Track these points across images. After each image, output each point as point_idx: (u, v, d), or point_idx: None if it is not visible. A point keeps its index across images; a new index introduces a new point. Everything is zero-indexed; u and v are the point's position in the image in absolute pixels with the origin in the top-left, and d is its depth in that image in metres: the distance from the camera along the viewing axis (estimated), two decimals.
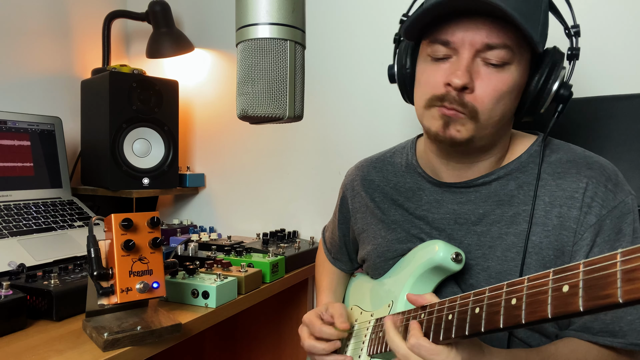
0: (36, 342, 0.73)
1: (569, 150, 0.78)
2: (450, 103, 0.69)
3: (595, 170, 0.73)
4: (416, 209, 0.85)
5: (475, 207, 0.79)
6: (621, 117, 0.92)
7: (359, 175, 0.97)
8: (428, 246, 0.79)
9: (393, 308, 0.80)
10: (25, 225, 1.11)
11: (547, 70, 0.71)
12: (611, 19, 1.10)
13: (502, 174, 0.78)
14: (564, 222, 0.72)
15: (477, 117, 0.69)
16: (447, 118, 0.70)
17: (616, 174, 0.74)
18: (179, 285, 0.92)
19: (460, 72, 0.67)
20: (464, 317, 0.58)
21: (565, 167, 0.75)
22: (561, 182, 0.73)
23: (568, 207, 0.72)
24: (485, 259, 0.76)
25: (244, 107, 0.61)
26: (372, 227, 0.91)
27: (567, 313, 0.45)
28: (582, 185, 0.72)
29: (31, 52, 1.43)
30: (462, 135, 0.71)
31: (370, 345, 0.81)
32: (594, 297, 0.42)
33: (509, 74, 0.69)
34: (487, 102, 0.69)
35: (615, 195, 0.71)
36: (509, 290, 0.53)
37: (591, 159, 0.75)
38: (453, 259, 0.74)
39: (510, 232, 0.75)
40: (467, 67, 0.67)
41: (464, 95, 0.68)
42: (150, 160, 1.42)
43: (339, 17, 1.41)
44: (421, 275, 0.78)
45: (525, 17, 0.65)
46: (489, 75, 0.68)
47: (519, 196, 0.76)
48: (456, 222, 0.80)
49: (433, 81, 0.71)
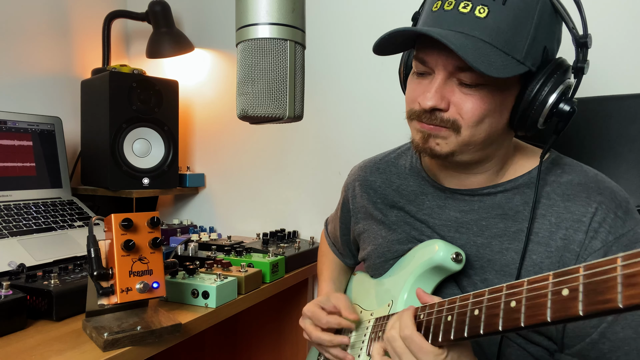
0: (36, 342, 0.73)
1: (582, 172, 0.75)
2: (427, 120, 0.70)
3: (606, 196, 0.71)
4: (417, 212, 0.84)
5: (478, 217, 0.77)
6: (621, 117, 0.92)
7: (361, 175, 0.97)
8: (428, 246, 0.78)
9: (393, 307, 0.80)
10: (25, 225, 1.11)
11: (538, 84, 0.68)
12: (613, 18, 1.10)
13: (509, 187, 0.76)
14: (568, 245, 0.70)
15: (459, 130, 0.69)
16: (425, 133, 0.71)
17: (627, 202, 0.72)
18: (179, 285, 0.92)
19: (430, 94, 0.68)
20: (463, 318, 0.57)
21: (576, 190, 0.72)
22: (570, 205, 0.72)
23: (574, 230, 0.70)
24: (483, 271, 0.75)
25: (244, 107, 0.61)
26: (373, 228, 0.91)
27: (567, 317, 0.44)
28: (591, 210, 0.70)
29: (31, 52, 1.43)
30: (441, 148, 0.71)
31: (370, 344, 0.81)
32: (594, 302, 0.42)
33: (486, 94, 0.67)
34: (468, 119, 0.68)
35: (625, 223, 0.69)
36: (508, 292, 0.52)
37: (603, 184, 0.73)
38: (453, 258, 0.74)
39: (511, 249, 0.73)
40: (437, 88, 0.68)
41: (440, 114, 0.69)
42: (150, 160, 1.42)
43: (339, 17, 1.41)
44: (421, 275, 0.78)
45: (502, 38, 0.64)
46: (464, 96, 0.68)
47: (524, 212, 0.74)
48: (457, 230, 0.79)
49: (414, 95, 0.72)
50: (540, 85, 0.67)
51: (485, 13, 0.63)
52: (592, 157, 0.91)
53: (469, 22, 0.64)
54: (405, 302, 0.78)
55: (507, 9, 0.64)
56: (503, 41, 0.64)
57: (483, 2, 0.64)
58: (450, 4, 0.65)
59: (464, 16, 0.64)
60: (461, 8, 0.64)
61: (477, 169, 0.76)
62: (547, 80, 0.67)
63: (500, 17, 0.64)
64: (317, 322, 0.85)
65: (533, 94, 0.68)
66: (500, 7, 0.64)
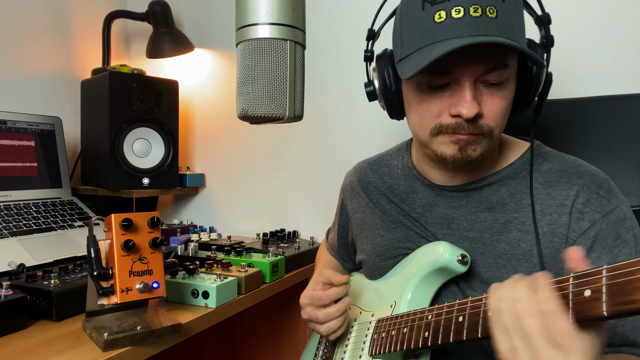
0: (36, 342, 0.73)
1: (561, 159, 0.78)
2: (465, 131, 0.69)
3: (586, 178, 0.73)
4: (410, 210, 0.86)
5: (467, 212, 0.79)
6: (621, 117, 0.92)
7: (356, 176, 0.98)
8: (432, 247, 0.78)
9: (396, 308, 0.80)
10: (25, 225, 1.11)
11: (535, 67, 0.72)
12: (612, 19, 1.10)
13: (494, 179, 0.78)
14: (555, 230, 0.72)
15: (492, 134, 0.70)
16: (462, 143, 0.70)
17: (608, 182, 0.74)
18: (179, 285, 0.92)
19: (469, 104, 0.67)
20: (476, 319, 0.57)
21: (556, 176, 0.75)
22: (552, 191, 0.74)
23: (558, 214, 0.72)
24: (476, 265, 0.76)
25: (244, 107, 0.61)
26: (371, 228, 0.91)
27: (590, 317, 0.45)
28: (573, 193, 0.72)
29: (31, 52, 1.43)
30: (477, 153, 0.71)
31: (372, 345, 0.80)
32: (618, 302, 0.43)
33: (508, 88, 0.70)
34: (497, 119, 0.70)
35: (609, 200, 0.71)
36: None
37: (582, 168, 0.75)
38: (459, 260, 0.73)
39: (501, 240, 0.75)
40: (473, 96, 0.67)
41: (477, 121, 0.69)
42: (150, 160, 1.42)
43: (339, 17, 1.41)
44: (425, 277, 0.77)
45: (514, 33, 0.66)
46: (492, 95, 0.69)
47: (511, 204, 0.76)
48: (449, 227, 0.80)
49: (436, 110, 0.71)
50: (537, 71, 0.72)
51: (495, 13, 0.64)
52: (592, 157, 0.91)
53: (486, 25, 0.64)
54: (409, 303, 0.78)
55: (509, 6, 0.65)
56: (513, 34, 0.65)
57: (489, 3, 0.64)
58: (459, 11, 0.64)
59: (479, 19, 0.64)
60: (473, 13, 0.64)
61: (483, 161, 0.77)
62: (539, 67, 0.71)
63: (506, 14, 0.65)
64: (320, 302, 0.82)
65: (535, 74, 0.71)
66: (502, 4, 0.65)
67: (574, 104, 0.98)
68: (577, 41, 1.13)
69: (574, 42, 1.13)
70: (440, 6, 0.65)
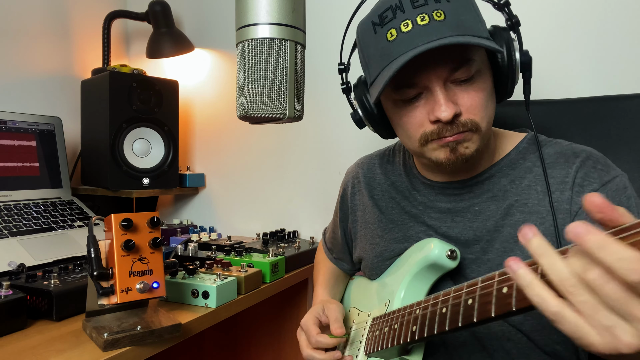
0: (36, 342, 0.73)
1: (557, 144, 0.80)
2: (450, 132, 0.70)
3: (583, 157, 0.75)
4: (412, 208, 0.86)
5: (470, 204, 0.80)
6: (621, 117, 0.92)
7: (359, 172, 0.98)
8: (423, 244, 0.79)
9: (390, 307, 0.81)
10: (25, 225, 1.11)
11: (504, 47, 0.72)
12: (613, 19, 1.10)
13: (494, 171, 0.80)
14: (559, 206, 0.73)
15: (479, 128, 0.71)
16: (452, 144, 0.71)
17: (605, 159, 0.76)
18: (179, 285, 0.92)
19: (444, 107, 0.68)
20: (457, 309, 0.58)
21: (554, 158, 0.77)
22: (552, 171, 0.75)
23: (560, 192, 0.73)
24: (484, 252, 0.77)
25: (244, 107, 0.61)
26: (370, 227, 0.91)
27: None
28: (572, 170, 0.74)
29: (31, 52, 1.43)
30: (470, 150, 0.72)
31: (367, 344, 0.81)
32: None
33: (482, 79, 0.71)
34: (478, 112, 0.70)
35: (608, 172, 0.73)
36: (500, 279, 0.53)
37: (578, 148, 0.77)
38: (448, 256, 0.75)
39: (505, 224, 0.76)
40: (445, 98, 0.68)
41: (458, 120, 0.70)
42: (150, 160, 1.42)
43: (340, 17, 1.41)
44: (417, 274, 0.78)
45: (468, 28, 0.66)
46: (466, 91, 0.70)
47: (512, 190, 0.77)
48: (453, 220, 0.81)
49: (417, 122, 0.72)
50: (507, 49, 0.72)
51: (443, 15, 0.65)
52: None
53: (436, 29, 0.65)
54: (402, 300, 0.79)
55: (454, 4, 0.67)
56: (468, 29, 0.66)
57: (434, 7, 0.66)
58: (407, 25, 0.66)
59: (428, 26, 0.65)
60: (420, 22, 0.65)
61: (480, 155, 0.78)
62: (510, 45, 0.72)
63: (454, 12, 0.66)
64: (309, 340, 0.85)
65: (508, 61, 0.72)
66: (447, 4, 0.66)
67: (573, 104, 0.98)
68: (577, 41, 1.13)
69: (574, 42, 1.13)
70: (389, 25, 0.68)
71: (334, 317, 0.85)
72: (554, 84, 1.13)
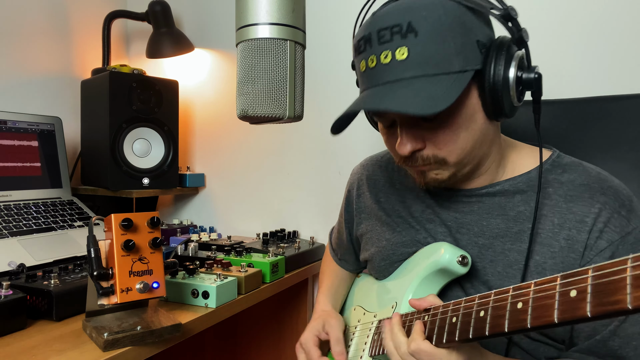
0: (36, 342, 0.73)
1: (583, 171, 0.74)
2: (414, 163, 0.72)
3: (610, 196, 0.71)
4: (418, 213, 0.84)
5: (479, 217, 0.77)
6: (621, 117, 0.92)
7: (364, 174, 0.96)
8: (433, 248, 0.78)
9: (397, 309, 0.80)
10: (25, 225, 1.11)
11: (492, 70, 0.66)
12: (614, 19, 1.10)
13: (508, 186, 0.76)
14: (572, 245, 0.70)
15: (445, 162, 0.70)
16: (421, 172, 0.74)
17: (630, 200, 0.72)
18: (179, 285, 0.92)
19: (401, 145, 0.70)
20: (468, 320, 0.57)
21: (579, 190, 0.72)
22: (572, 206, 0.71)
23: (577, 231, 0.70)
24: (484, 273, 0.75)
25: (244, 107, 0.61)
26: (377, 229, 0.90)
27: (574, 318, 0.44)
28: (595, 210, 0.70)
29: (31, 52, 1.43)
30: (442, 176, 0.73)
31: (372, 346, 0.81)
32: (602, 303, 0.42)
33: (450, 117, 0.67)
34: (446, 147, 0.69)
35: (629, 221, 0.69)
36: (515, 294, 0.52)
37: (605, 184, 0.72)
38: (459, 261, 0.73)
39: (513, 249, 0.73)
40: (405, 136, 0.70)
41: (421, 154, 0.70)
42: (150, 160, 1.42)
43: (340, 17, 1.41)
44: (426, 278, 0.77)
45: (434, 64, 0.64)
46: (431, 128, 0.69)
47: (525, 213, 0.74)
48: (458, 231, 0.79)
49: (390, 147, 0.77)
50: (494, 68, 0.65)
51: (406, 53, 0.64)
52: (592, 157, 0.91)
53: (396, 69, 0.65)
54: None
55: (422, 38, 0.64)
56: (435, 65, 0.64)
57: (399, 44, 0.65)
58: (373, 60, 0.67)
59: (389, 66, 0.66)
60: (383, 60, 0.66)
61: (479, 171, 0.76)
62: (497, 62, 0.65)
63: (420, 49, 0.64)
64: (310, 358, 0.86)
65: (492, 80, 0.66)
66: (415, 40, 0.64)
67: (574, 104, 0.98)
68: (577, 41, 1.13)
69: (574, 42, 1.13)
70: (362, 56, 0.69)
71: (335, 337, 0.85)
72: (554, 84, 1.13)
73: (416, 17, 0.64)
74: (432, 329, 0.63)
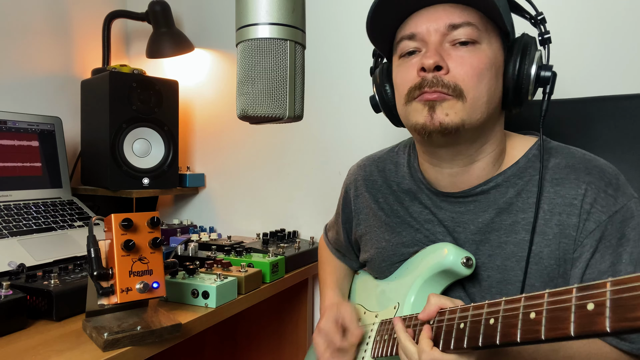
0: (36, 342, 0.73)
1: (568, 154, 0.75)
2: (430, 87, 0.68)
3: (595, 175, 0.71)
4: (416, 213, 0.84)
5: (475, 216, 0.77)
6: (621, 117, 0.92)
7: (361, 174, 0.95)
8: (437, 249, 0.77)
9: (399, 310, 0.80)
10: (25, 225, 1.11)
11: (520, 53, 0.70)
12: (614, 19, 1.10)
13: (501, 181, 0.76)
14: (564, 230, 0.70)
15: (462, 95, 0.67)
16: (431, 103, 0.68)
17: (617, 178, 0.72)
18: (179, 285, 0.92)
19: (430, 53, 0.68)
20: (477, 327, 0.56)
21: (564, 172, 0.72)
22: (560, 189, 0.72)
23: (567, 215, 0.70)
24: (484, 268, 0.75)
25: (244, 107, 0.61)
26: (376, 230, 0.90)
27: (592, 332, 0.43)
28: (581, 191, 0.70)
29: (31, 52, 1.43)
30: (451, 119, 0.68)
31: (374, 347, 0.80)
32: (622, 318, 0.40)
33: (481, 52, 0.69)
34: (469, 79, 0.68)
35: (616, 200, 0.69)
36: (527, 304, 0.51)
37: (590, 163, 0.73)
38: (463, 263, 0.72)
39: (509, 241, 0.73)
40: (435, 49, 0.68)
41: (441, 77, 0.68)
42: (150, 160, 1.42)
43: (340, 17, 1.41)
44: (429, 279, 0.77)
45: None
46: (461, 55, 0.68)
47: (518, 203, 0.74)
48: (455, 229, 0.79)
49: (407, 75, 0.71)
50: (521, 58, 0.70)
51: None
52: None
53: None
54: (412, 305, 0.77)
55: None
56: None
57: None
58: None
59: None
60: None
61: (477, 153, 0.75)
62: (526, 49, 0.70)
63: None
64: (331, 342, 0.85)
65: (519, 62, 0.70)
66: None
67: (574, 104, 0.98)
68: (577, 41, 1.13)
69: (574, 43, 1.13)
70: None
71: (349, 319, 0.86)
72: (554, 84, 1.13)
73: None
74: (439, 334, 0.62)
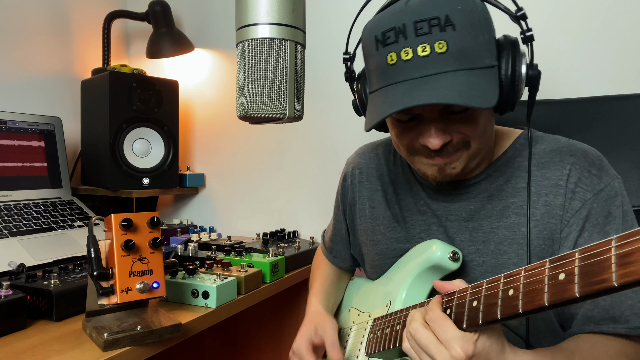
0: (36, 342, 0.73)
1: (553, 140, 0.78)
2: (439, 154, 0.71)
3: (578, 156, 0.74)
4: (410, 204, 0.86)
5: (466, 204, 0.80)
6: (621, 117, 0.92)
7: (360, 162, 0.96)
8: (425, 245, 0.79)
9: (391, 307, 0.81)
10: (25, 225, 1.11)
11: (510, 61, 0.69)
12: (614, 18, 1.10)
13: (491, 171, 0.79)
14: (551, 210, 0.72)
15: (469, 145, 0.71)
16: (441, 164, 0.72)
17: (600, 159, 0.74)
18: (179, 285, 0.92)
19: (433, 138, 0.68)
20: (462, 310, 0.58)
21: (549, 156, 0.75)
22: (545, 172, 0.74)
23: (554, 195, 0.73)
24: (479, 254, 0.77)
25: (244, 107, 0.61)
26: (371, 222, 0.90)
27: (564, 300, 0.46)
28: (565, 172, 0.73)
29: (31, 52, 1.43)
30: (457, 169, 0.73)
31: (368, 344, 0.81)
32: (589, 283, 0.43)
33: (476, 110, 0.69)
34: (473, 135, 0.70)
35: (600, 179, 0.72)
36: (506, 281, 0.53)
37: (574, 147, 0.76)
38: (450, 257, 0.75)
39: (501, 226, 0.76)
40: (437, 130, 0.69)
41: (451, 144, 0.70)
42: (150, 160, 1.42)
43: (340, 17, 1.41)
44: (419, 275, 0.78)
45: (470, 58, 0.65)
46: (461, 121, 0.69)
47: (507, 189, 0.77)
48: (447, 219, 0.81)
49: (407, 141, 0.73)
50: (512, 65, 0.68)
51: (445, 47, 0.63)
52: None
53: (435, 63, 0.64)
54: (404, 301, 0.78)
55: (460, 32, 0.64)
56: (471, 60, 0.65)
57: (438, 37, 0.63)
58: (408, 53, 0.65)
59: (428, 59, 0.64)
60: (421, 53, 0.64)
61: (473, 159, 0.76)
62: (514, 59, 0.69)
63: (458, 43, 0.64)
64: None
65: (510, 75, 0.68)
66: (453, 34, 0.64)
67: (574, 104, 0.98)
68: (578, 41, 1.13)
69: (574, 43, 1.13)
70: (391, 48, 0.66)
71: (330, 341, 0.84)
72: (554, 84, 1.13)
73: (453, 10, 0.64)
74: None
